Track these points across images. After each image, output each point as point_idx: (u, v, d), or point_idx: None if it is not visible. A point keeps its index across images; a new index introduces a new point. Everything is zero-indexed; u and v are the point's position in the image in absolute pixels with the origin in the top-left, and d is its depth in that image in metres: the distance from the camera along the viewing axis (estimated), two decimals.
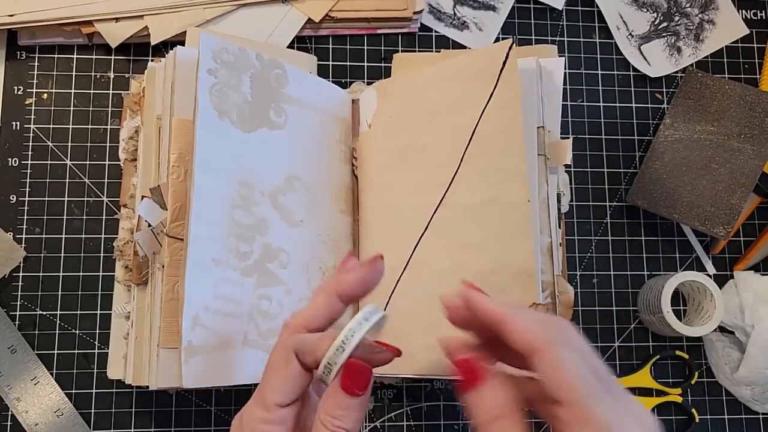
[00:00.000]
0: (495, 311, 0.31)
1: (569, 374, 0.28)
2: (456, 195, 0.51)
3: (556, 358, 0.28)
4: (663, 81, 0.65)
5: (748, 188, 0.58)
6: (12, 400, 0.54)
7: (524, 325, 0.30)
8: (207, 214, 0.46)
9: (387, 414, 0.57)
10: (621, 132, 0.64)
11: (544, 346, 0.29)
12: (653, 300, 0.57)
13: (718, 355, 0.60)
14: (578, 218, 0.62)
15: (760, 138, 0.58)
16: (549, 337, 0.29)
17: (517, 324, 0.30)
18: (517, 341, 0.29)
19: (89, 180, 0.59)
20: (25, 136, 0.59)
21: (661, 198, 0.59)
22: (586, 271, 0.61)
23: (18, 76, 0.60)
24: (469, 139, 0.51)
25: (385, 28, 0.63)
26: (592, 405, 0.27)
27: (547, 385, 0.28)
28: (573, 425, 0.27)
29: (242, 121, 0.49)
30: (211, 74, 0.48)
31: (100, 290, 0.57)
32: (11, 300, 0.56)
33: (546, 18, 0.65)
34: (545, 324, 0.30)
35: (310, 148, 0.54)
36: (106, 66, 0.61)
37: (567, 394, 0.28)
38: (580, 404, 0.27)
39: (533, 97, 0.52)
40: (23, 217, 0.57)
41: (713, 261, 0.63)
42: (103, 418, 0.55)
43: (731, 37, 0.66)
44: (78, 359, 0.56)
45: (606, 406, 0.28)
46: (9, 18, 0.57)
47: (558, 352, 0.28)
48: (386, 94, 0.57)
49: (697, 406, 0.60)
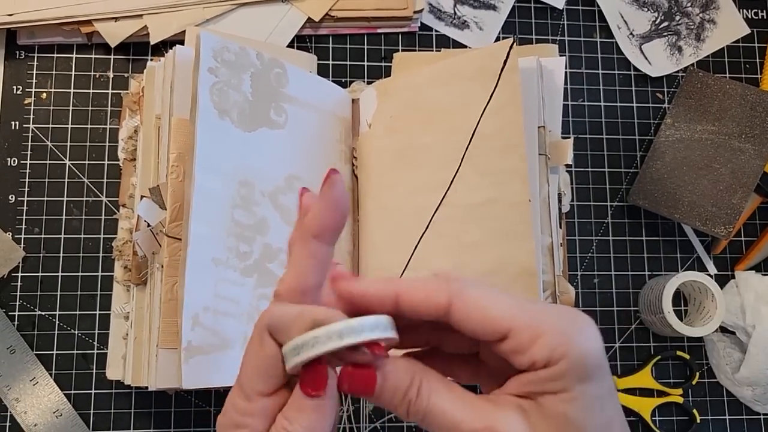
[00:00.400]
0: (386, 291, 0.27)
1: (491, 307, 0.26)
2: (456, 195, 0.51)
3: (470, 301, 0.26)
4: (664, 80, 0.65)
5: (749, 188, 0.58)
6: (11, 400, 0.53)
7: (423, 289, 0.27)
8: (207, 214, 0.46)
9: (387, 415, 0.57)
10: (622, 132, 0.64)
11: (452, 296, 0.26)
12: (654, 300, 0.57)
13: (719, 356, 0.60)
14: (579, 218, 0.62)
15: (761, 138, 0.58)
16: (453, 287, 0.26)
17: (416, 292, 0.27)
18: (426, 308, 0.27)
19: (88, 180, 0.58)
20: (24, 136, 0.59)
21: (662, 198, 0.59)
22: (587, 271, 0.61)
23: (17, 75, 0.60)
24: (469, 139, 0.51)
25: (385, 27, 0.63)
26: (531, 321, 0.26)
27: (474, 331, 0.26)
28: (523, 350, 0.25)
29: (243, 121, 0.49)
30: (212, 73, 0.47)
31: (99, 290, 0.57)
32: (10, 300, 0.56)
33: (546, 17, 0.65)
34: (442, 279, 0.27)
35: (310, 147, 0.54)
36: (105, 65, 0.60)
37: (499, 324, 0.26)
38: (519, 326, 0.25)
39: (534, 96, 0.52)
40: (22, 217, 0.57)
41: (714, 261, 0.62)
42: (102, 418, 0.55)
43: (732, 36, 0.66)
44: (77, 360, 0.56)
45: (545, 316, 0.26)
46: (8, 17, 0.57)
47: (469, 293, 0.26)
48: (386, 93, 0.57)
49: (698, 406, 0.60)
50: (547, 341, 0.25)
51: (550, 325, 0.26)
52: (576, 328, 0.26)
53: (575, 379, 0.25)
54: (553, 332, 0.25)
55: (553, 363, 0.25)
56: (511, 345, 0.26)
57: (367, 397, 0.27)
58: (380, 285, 0.27)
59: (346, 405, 0.57)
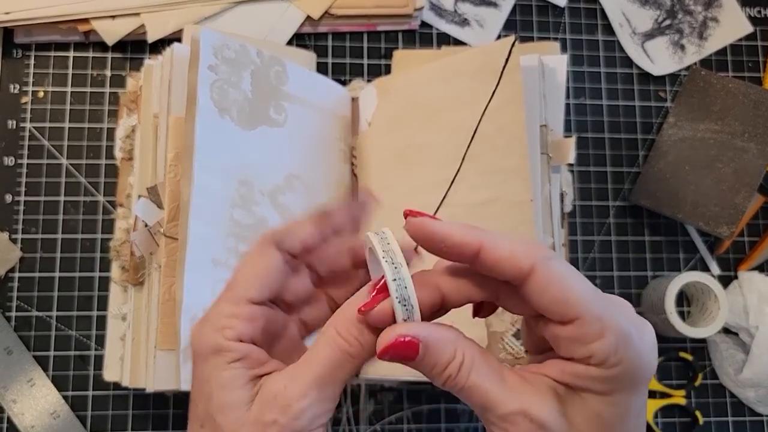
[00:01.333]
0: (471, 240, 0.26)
1: (572, 288, 0.25)
2: (457, 194, 0.51)
3: (553, 275, 0.25)
4: (666, 79, 0.65)
5: (752, 187, 0.57)
6: (8, 401, 0.53)
7: (509, 248, 0.25)
8: (207, 214, 0.46)
9: (388, 416, 0.57)
10: (624, 131, 0.64)
11: (537, 264, 0.25)
12: (657, 301, 0.57)
13: (722, 357, 0.59)
14: (581, 218, 0.62)
15: (764, 137, 0.58)
16: (539, 254, 0.25)
17: (501, 249, 0.25)
18: (506, 267, 0.25)
19: (86, 179, 0.58)
20: (21, 135, 0.58)
21: (665, 197, 0.59)
22: (589, 271, 0.61)
23: (14, 74, 0.59)
24: (470, 138, 0.50)
25: (385, 24, 0.63)
26: (603, 314, 0.24)
27: (546, 306, 0.25)
28: (585, 341, 0.24)
29: (242, 119, 0.49)
30: (212, 70, 0.47)
31: (97, 291, 0.56)
32: (7, 301, 0.56)
33: (548, 15, 0.65)
34: (529, 243, 0.26)
35: (310, 146, 0.54)
36: (103, 64, 0.60)
37: (573, 308, 0.24)
38: (591, 316, 0.24)
39: (536, 94, 0.51)
40: (19, 216, 0.57)
41: (717, 261, 0.62)
42: (100, 420, 0.55)
43: (735, 35, 0.66)
44: (74, 361, 0.55)
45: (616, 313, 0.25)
46: (5, 16, 0.56)
47: (553, 266, 0.25)
48: (386, 91, 0.57)
49: (701, 408, 0.59)
50: (610, 341, 0.24)
51: (616, 325, 0.24)
52: (639, 334, 0.25)
53: (623, 386, 0.25)
54: (618, 332, 0.24)
55: (609, 365, 0.24)
56: (574, 332, 0.25)
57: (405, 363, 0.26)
58: (466, 231, 0.26)
59: (346, 406, 0.56)
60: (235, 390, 0.27)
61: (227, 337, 0.27)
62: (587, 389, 0.25)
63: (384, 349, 0.26)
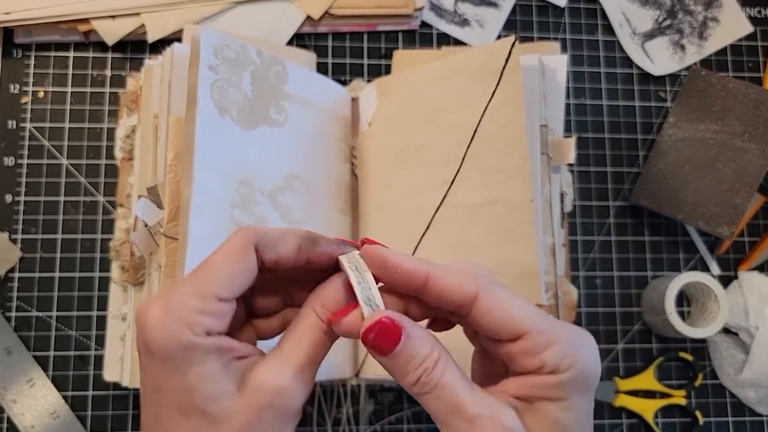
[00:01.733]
0: (420, 268, 0.28)
1: (514, 308, 0.28)
2: (457, 194, 0.51)
3: (496, 298, 0.28)
4: (666, 79, 0.65)
5: (752, 187, 0.57)
6: (8, 402, 0.53)
7: (454, 277, 0.28)
8: (207, 214, 0.45)
9: (388, 416, 0.57)
10: (624, 131, 0.64)
11: (481, 291, 0.28)
12: (657, 301, 0.57)
13: (722, 357, 0.59)
14: (581, 218, 0.61)
15: (764, 137, 0.58)
16: (481, 282, 0.28)
17: (447, 278, 0.28)
18: (452, 295, 0.28)
19: (86, 179, 0.58)
20: (21, 135, 0.58)
21: (665, 198, 0.59)
22: (589, 271, 0.61)
23: (14, 74, 0.59)
24: (470, 138, 0.50)
25: (385, 25, 0.63)
26: (548, 328, 0.27)
27: (493, 327, 0.28)
28: (536, 352, 0.27)
29: (242, 119, 0.49)
30: (212, 70, 0.47)
31: (97, 291, 0.56)
32: (7, 301, 0.56)
33: (548, 15, 0.65)
34: (471, 271, 0.29)
35: (310, 146, 0.54)
36: (103, 64, 0.60)
37: (519, 325, 0.27)
38: (537, 330, 0.27)
39: (536, 94, 0.51)
40: (19, 217, 0.57)
41: (718, 261, 0.62)
42: (100, 420, 0.55)
43: (735, 35, 0.66)
44: (74, 361, 0.55)
45: (558, 326, 0.28)
46: (5, 16, 0.56)
47: (495, 291, 0.28)
48: (386, 92, 0.57)
49: (701, 408, 0.59)
50: (560, 349, 0.27)
51: (563, 336, 0.27)
52: (584, 344, 0.28)
53: (576, 390, 0.27)
54: (566, 342, 0.27)
55: (560, 371, 0.27)
56: (525, 346, 0.27)
57: (383, 356, 0.28)
58: (415, 262, 0.29)
59: (346, 406, 0.56)
60: (220, 381, 0.28)
61: (197, 333, 0.27)
62: (544, 397, 0.27)
63: (369, 327, 0.27)
